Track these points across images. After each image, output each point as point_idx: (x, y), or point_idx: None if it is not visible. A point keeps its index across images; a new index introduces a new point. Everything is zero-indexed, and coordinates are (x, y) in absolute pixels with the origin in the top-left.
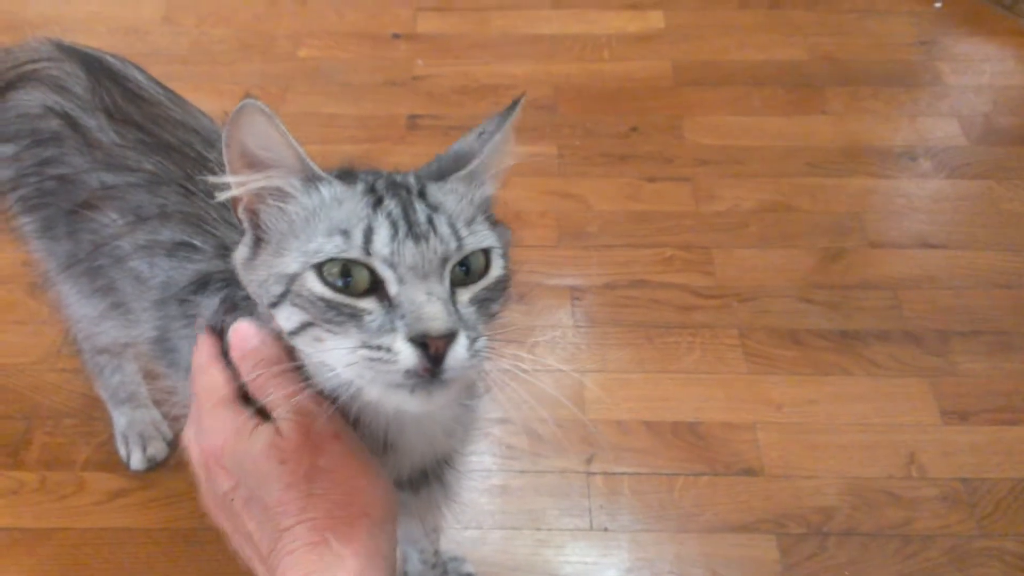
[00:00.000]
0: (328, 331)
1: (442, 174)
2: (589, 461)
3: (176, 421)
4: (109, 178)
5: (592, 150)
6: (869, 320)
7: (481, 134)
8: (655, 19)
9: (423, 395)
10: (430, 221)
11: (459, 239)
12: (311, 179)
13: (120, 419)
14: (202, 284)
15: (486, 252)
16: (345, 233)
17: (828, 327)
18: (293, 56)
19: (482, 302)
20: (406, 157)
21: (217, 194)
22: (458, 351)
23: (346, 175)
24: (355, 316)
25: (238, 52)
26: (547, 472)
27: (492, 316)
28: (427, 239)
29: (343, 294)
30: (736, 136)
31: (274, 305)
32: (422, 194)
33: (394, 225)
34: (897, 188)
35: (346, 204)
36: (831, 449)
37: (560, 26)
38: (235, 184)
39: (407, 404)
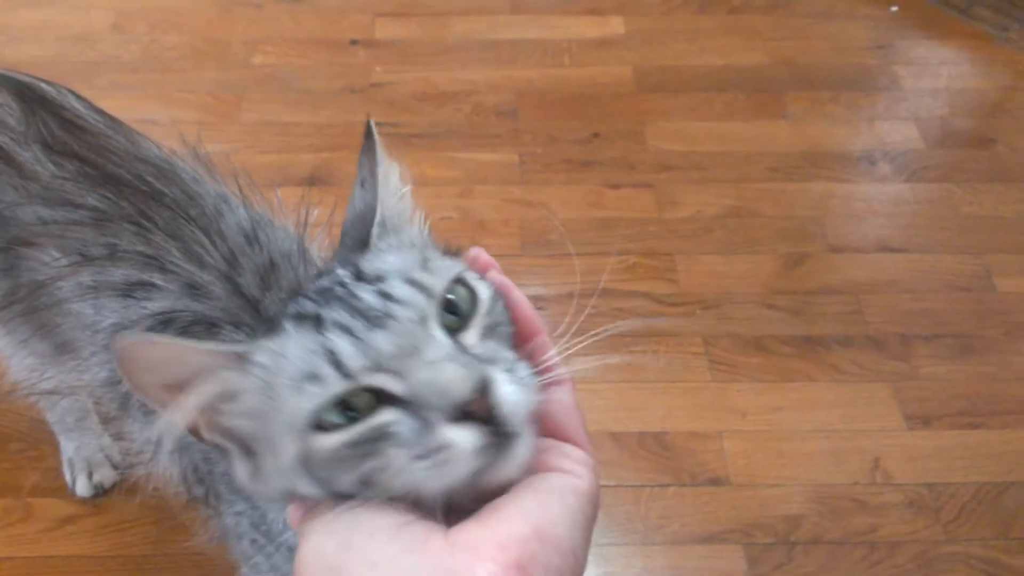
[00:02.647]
0: (376, 471)
1: (363, 242)
2: None
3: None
4: (47, 213)
5: (554, 157)
6: (832, 325)
7: (363, 183)
8: (615, 24)
9: (511, 455)
10: (383, 295)
11: (423, 288)
12: (238, 360)
13: (68, 445)
14: (165, 323)
15: (461, 281)
16: (312, 377)
17: (791, 333)
18: (248, 63)
19: (493, 330)
20: None
21: (167, 432)
22: (504, 392)
23: (269, 324)
24: (385, 436)
25: (191, 60)
26: None
27: (509, 338)
28: (391, 316)
29: (358, 424)
30: (698, 142)
31: (322, 491)
32: (359, 276)
33: (349, 331)
34: (857, 192)
35: (290, 351)
36: (797, 457)
37: (520, 31)
38: (178, 416)
39: (508, 473)
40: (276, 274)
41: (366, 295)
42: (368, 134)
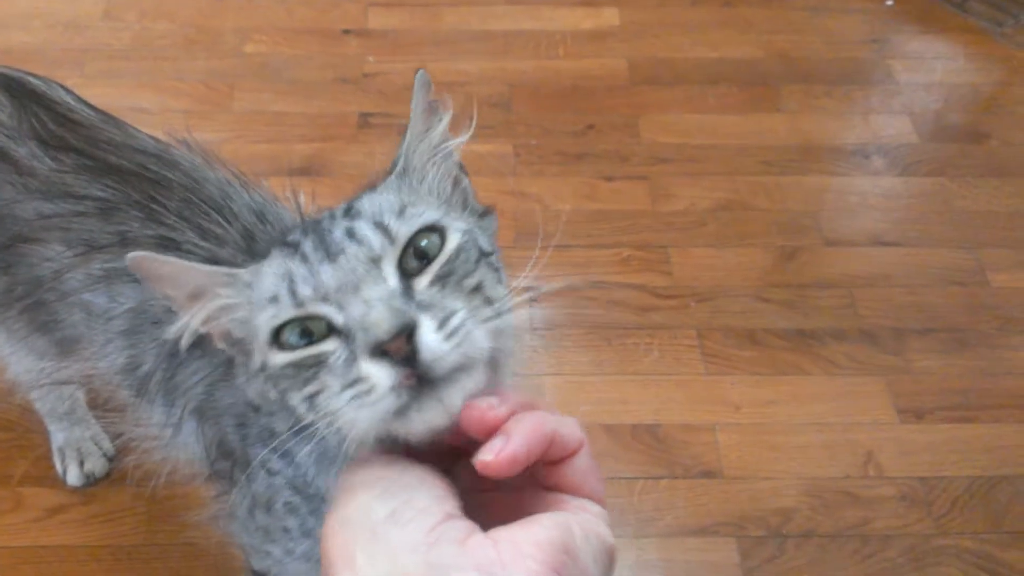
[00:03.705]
0: (315, 395)
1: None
2: None
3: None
4: (48, 207)
5: (548, 149)
6: (825, 319)
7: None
8: (610, 16)
9: (431, 403)
10: (348, 233)
11: (387, 231)
12: (232, 279)
13: (58, 435)
14: None
15: (436, 230)
16: (274, 299)
17: (785, 326)
18: (240, 52)
19: (450, 278)
20: (358, 156)
21: (185, 337)
22: (425, 339)
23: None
24: (322, 363)
25: (182, 48)
26: None
27: (479, 290)
28: (343, 252)
29: (303, 349)
30: (692, 134)
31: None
32: (347, 212)
33: (307, 261)
34: (851, 186)
35: (265, 274)
36: (790, 450)
37: (513, 22)
38: (191, 320)
39: (426, 421)
40: None
41: (337, 231)
42: (417, 84)
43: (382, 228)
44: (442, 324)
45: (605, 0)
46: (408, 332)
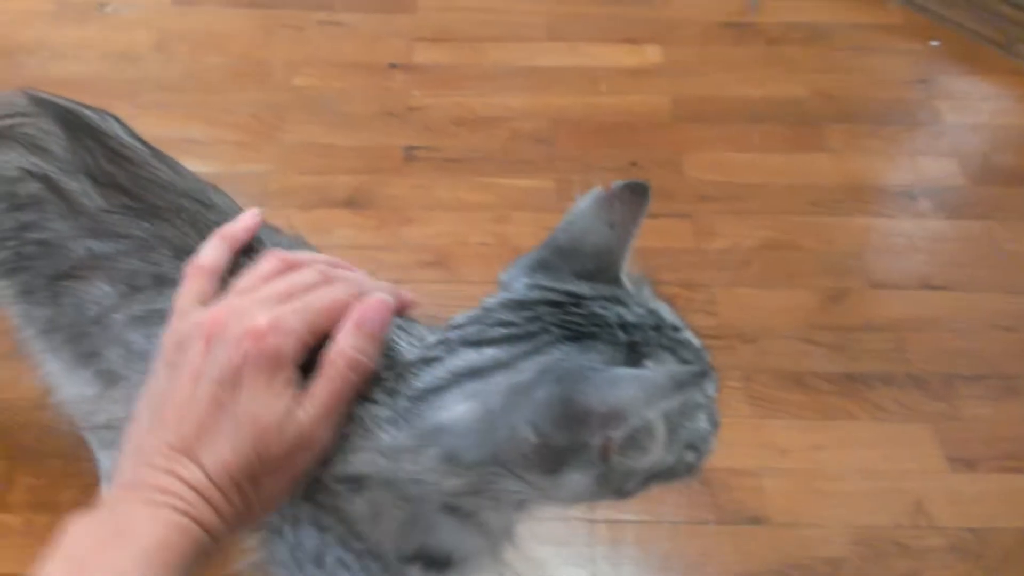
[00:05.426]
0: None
1: (609, 277)
2: (592, 508)
3: None
4: (97, 246)
5: (590, 184)
6: (873, 363)
7: (612, 225)
8: (652, 54)
9: None
10: (692, 348)
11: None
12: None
13: (106, 462)
14: None
15: None
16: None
17: (832, 370)
18: (289, 85)
19: None
20: (403, 189)
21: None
22: None
23: (626, 352)
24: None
25: (232, 81)
26: (549, 519)
27: None
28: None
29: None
30: (736, 173)
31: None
32: (659, 326)
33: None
34: (897, 228)
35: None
36: (838, 497)
37: (556, 58)
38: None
39: None
40: None
41: (688, 345)
42: (639, 190)
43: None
44: None
45: (648, 38)
46: None
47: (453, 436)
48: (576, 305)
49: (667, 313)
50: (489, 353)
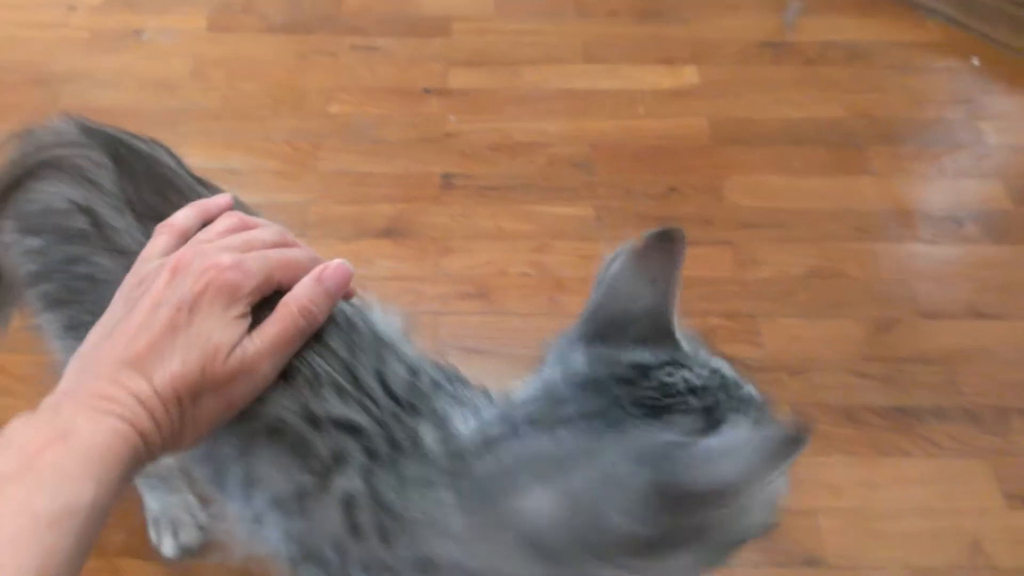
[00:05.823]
0: None
1: (664, 334)
2: None
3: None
4: None
5: (630, 212)
6: (925, 396)
7: (653, 281)
8: (689, 75)
9: None
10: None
11: None
12: None
13: (152, 504)
14: None
15: None
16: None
17: (883, 403)
18: (324, 112)
19: None
20: (442, 217)
21: None
22: None
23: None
24: None
25: (269, 108)
26: None
27: None
28: None
29: None
30: (777, 197)
31: None
32: (726, 385)
33: None
34: (944, 254)
35: None
36: (894, 537)
37: (593, 81)
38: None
39: None
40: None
41: (752, 402)
42: (672, 237)
43: None
44: None
45: (684, 58)
46: None
47: (533, 524)
48: (644, 376)
49: (727, 370)
50: (563, 436)
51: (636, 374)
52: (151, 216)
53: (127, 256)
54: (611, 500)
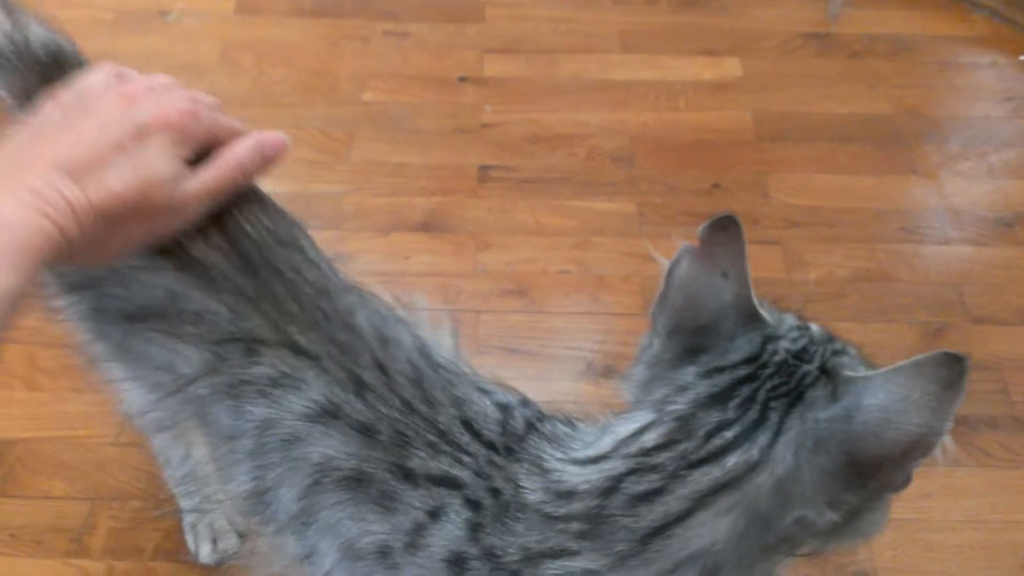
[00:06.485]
0: None
1: (746, 319)
2: None
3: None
4: (180, 287)
5: (673, 208)
6: (977, 405)
7: (725, 274)
8: (732, 66)
9: None
10: None
11: None
12: None
13: (189, 513)
14: (329, 414)
15: None
16: None
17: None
18: (357, 99)
19: None
20: (479, 211)
21: None
22: None
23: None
24: None
25: (299, 94)
26: None
27: None
28: None
29: None
30: (825, 196)
31: None
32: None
33: None
34: (994, 257)
35: None
36: (946, 550)
37: (632, 72)
38: None
39: None
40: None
41: (847, 350)
42: (728, 224)
43: None
44: None
45: (725, 49)
46: None
47: (714, 555)
48: (763, 367)
49: (812, 326)
50: (732, 461)
51: (752, 368)
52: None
53: (166, 255)
54: (798, 500)
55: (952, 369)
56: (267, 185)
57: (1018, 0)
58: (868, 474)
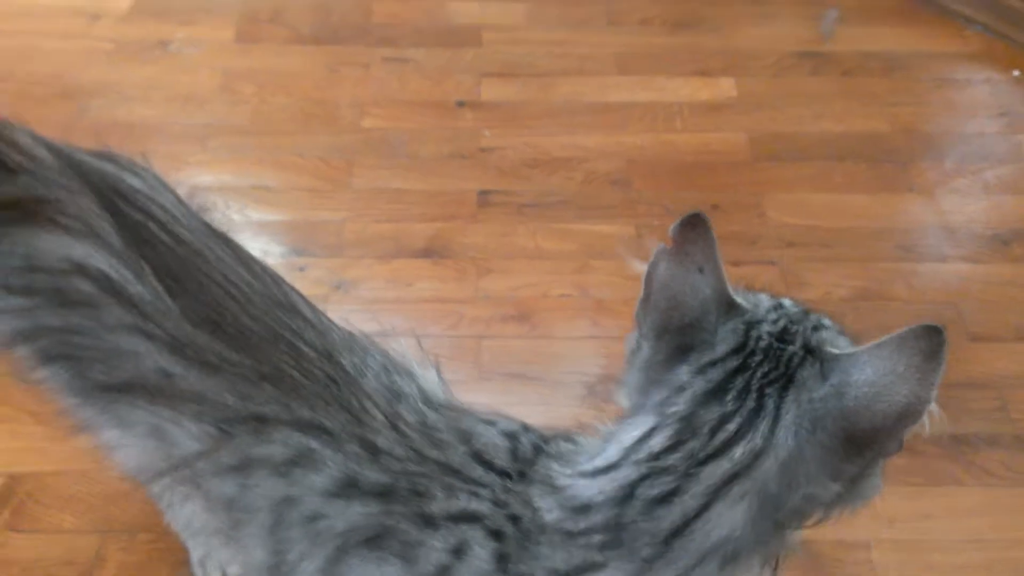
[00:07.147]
0: None
1: (724, 308)
2: None
3: None
4: (175, 367)
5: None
6: (977, 423)
7: (701, 270)
8: (727, 87)
9: None
10: None
11: None
12: None
13: (196, 549)
14: (349, 486)
15: None
16: None
17: (936, 431)
18: (357, 127)
19: None
20: (480, 237)
21: None
22: None
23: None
24: None
25: (300, 122)
26: None
27: None
28: None
29: None
30: (821, 215)
31: None
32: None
33: None
34: (991, 274)
35: None
36: (948, 570)
37: (628, 93)
38: None
39: None
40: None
41: (824, 325)
42: (696, 222)
43: None
44: None
45: (720, 69)
46: None
47: (734, 541)
48: (751, 355)
49: (785, 302)
50: (739, 452)
51: (741, 358)
52: (180, 288)
53: (155, 322)
54: (803, 477)
55: (932, 340)
56: (271, 214)
57: (1011, 15)
58: (864, 444)
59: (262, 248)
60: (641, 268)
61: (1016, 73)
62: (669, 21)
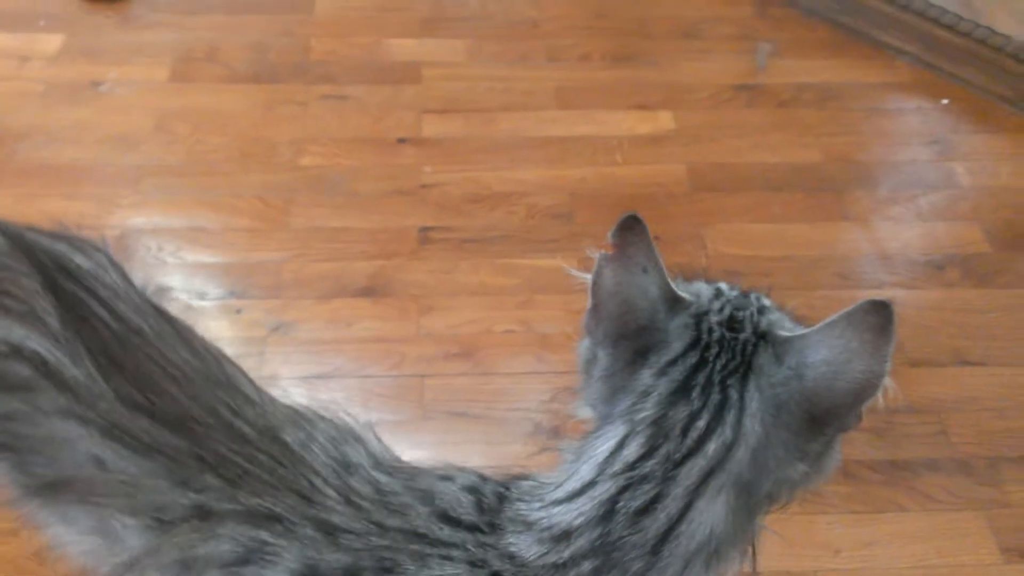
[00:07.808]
0: None
1: (671, 304)
2: None
3: None
4: (108, 454)
5: None
6: (917, 448)
7: (645, 270)
8: (665, 120)
9: None
10: None
11: None
12: None
13: None
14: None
15: None
16: None
17: (877, 457)
18: (295, 165)
19: None
20: (421, 274)
21: None
22: None
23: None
24: None
25: (237, 162)
26: None
27: None
28: None
29: None
30: (760, 245)
31: None
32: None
33: None
34: (927, 300)
35: None
36: None
37: (568, 128)
38: None
39: None
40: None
41: (770, 308)
42: (631, 224)
43: None
44: None
45: (658, 103)
46: None
47: (716, 537)
48: (706, 349)
49: (722, 287)
50: (712, 447)
51: (698, 353)
52: (116, 370)
53: (90, 407)
54: (773, 462)
55: (880, 314)
56: (207, 256)
57: (939, 46)
58: (826, 422)
59: (198, 291)
60: (584, 278)
61: (945, 101)
62: (608, 56)
